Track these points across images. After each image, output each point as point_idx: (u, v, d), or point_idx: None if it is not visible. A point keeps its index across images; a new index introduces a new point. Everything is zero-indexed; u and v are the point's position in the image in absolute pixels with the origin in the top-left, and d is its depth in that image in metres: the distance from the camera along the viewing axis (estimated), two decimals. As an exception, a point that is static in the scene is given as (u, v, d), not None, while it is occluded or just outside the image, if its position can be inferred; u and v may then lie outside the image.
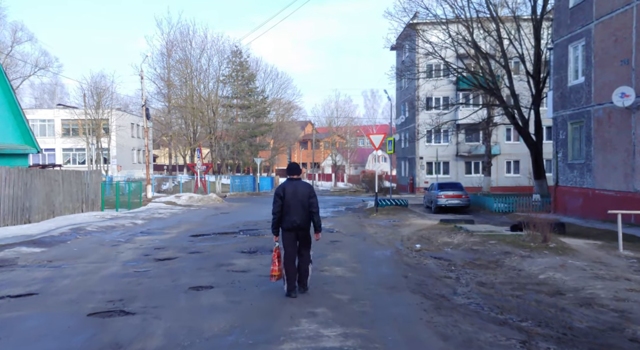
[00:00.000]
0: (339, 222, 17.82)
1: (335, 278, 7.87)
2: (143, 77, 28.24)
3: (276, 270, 6.53)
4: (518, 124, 25.77)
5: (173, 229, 15.78)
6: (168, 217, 19.28)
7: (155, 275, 8.11)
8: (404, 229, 15.11)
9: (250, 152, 51.07)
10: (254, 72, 48.13)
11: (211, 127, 41.18)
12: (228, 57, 44.40)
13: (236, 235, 14.15)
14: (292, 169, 6.76)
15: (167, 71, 46.94)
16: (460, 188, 23.17)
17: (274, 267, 6.53)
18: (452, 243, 11.50)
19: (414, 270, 8.70)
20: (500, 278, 7.88)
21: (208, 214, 21.37)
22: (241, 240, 12.90)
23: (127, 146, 57.82)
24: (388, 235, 14.08)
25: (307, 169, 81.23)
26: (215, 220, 18.86)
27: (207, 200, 26.95)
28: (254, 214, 21.41)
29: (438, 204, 22.15)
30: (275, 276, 6.55)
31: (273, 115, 57.17)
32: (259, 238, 13.52)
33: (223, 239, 13.27)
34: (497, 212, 21.65)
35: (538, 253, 9.30)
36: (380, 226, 16.34)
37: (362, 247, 11.79)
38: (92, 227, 14.74)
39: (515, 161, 41.92)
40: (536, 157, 25.62)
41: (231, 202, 29.48)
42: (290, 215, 6.46)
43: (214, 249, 11.30)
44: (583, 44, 16.99)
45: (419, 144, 41.54)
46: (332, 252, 10.82)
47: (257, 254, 10.69)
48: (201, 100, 41.98)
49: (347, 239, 13.23)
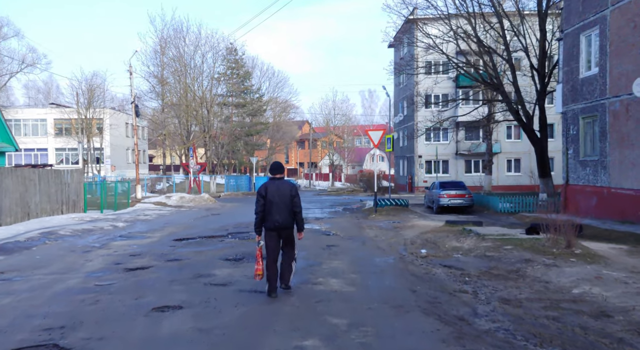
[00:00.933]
0: (336, 224, 16.62)
1: (330, 294, 6.66)
2: (132, 72, 26.95)
3: (260, 270, 6.53)
4: (522, 120, 24.60)
5: (156, 232, 14.54)
6: (154, 219, 18.03)
7: (118, 291, 6.89)
8: (407, 232, 13.91)
9: (246, 151, 49.78)
10: (249, 70, 46.86)
11: (205, 125, 39.90)
12: (223, 54, 43.19)
13: (223, 239, 12.93)
14: (275, 168, 6.68)
15: (161, 69, 45.65)
16: (463, 187, 22.00)
17: (258, 267, 6.53)
18: (462, 248, 10.31)
19: (422, 282, 7.50)
20: (525, 292, 6.68)
21: (198, 216, 20.14)
22: (228, 245, 11.68)
23: (121, 146, 56.54)
24: (389, 238, 12.88)
25: (304, 168, 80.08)
26: (204, 222, 17.64)
27: (198, 201, 25.72)
28: (247, 215, 20.17)
29: (440, 203, 20.99)
30: (259, 275, 6.53)
31: (270, 114, 55.92)
32: (248, 242, 12.30)
33: (208, 244, 12.05)
34: (502, 212, 20.49)
35: (564, 261, 8.11)
36: (380, 228, 15.14)
37: (361, 253, 10.59)
38: (66, 230, 13.49)
39: (516, 160, 40.84)
40: (541, 154, 24.46)
41: (224, 202, 28.26)
42: (272, 215, 6.39)
43: (195, 256, 10.08)
44: (597, 32, 15.83)
45: (418, 143, 40.39)
46: (328, 259, 9.61)
47: (243, 261, 9.48)
48: (195, 98, 40.70)
49: (344, 243, 12.03)
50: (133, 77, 26.94)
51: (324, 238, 13.11)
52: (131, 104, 27.34)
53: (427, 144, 40.46)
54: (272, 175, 6.64)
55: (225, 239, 13.12)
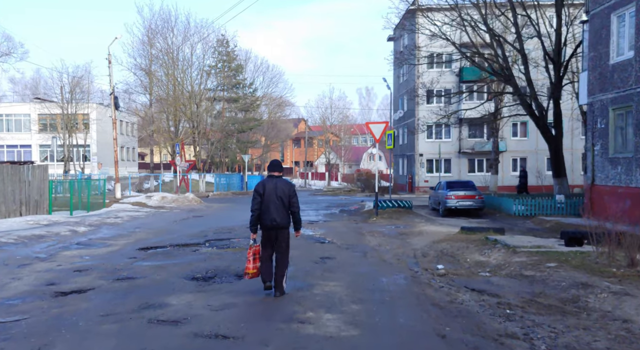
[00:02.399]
0: (332, 229, 14.56)
1: (324, 342, 4.60)
2: (111, 60, 24.82)
3: (251, 269, 6.31)
4: (535, 114, 22.59)
5: (122, 238, 12.44)
6: (124, 222, 15.92)
7: (17, 335, 4.80)
8: (415, 240, 11.86)
9: (239, 148, 47.60)
10: (242, 63, 44.62)
11: (194, 121, 37.71)
12: (213, 46, 41.03)
13: (198, 249, 10.86)
14: (274, 165, 6.53)
15: (149, 61, 43.40)
16: (473, 187, 20.01)
17: (249, 265, 6.31)
18: (489, 264, 8.27)
19: (449, 317, 5.45)
20: (601, 338, 4.66)
21: (177, 218, 18.04)
22: (201, 257, 9.60)
23: (109, 143, 54.15)
24: (396, 248, 10.83)
25: (299, 167, 78.03)
26: (183, 226, 15.55)
27: (182, 201, 23.61)
28: (233, 217, 18.12)
29: (447, 205, 18.97)
30: (250, 274, 6.34)
31: (264, 110, 53.74)
32: (227, 252, 10.23)
33: (177, 255, 9.97)
34: (516, 215, 18.48)
35: (636, 287, 6.07)
36: (383, 235, 13.09)
37: (363, 268, 8.53)
38: (10, 237, 11.37)
39: (522, 158, 38.85)
40: (556, 152, 22.46)
41: (212, 203, 26.15)
42: (269, 213, 6.24)
43: (154, 273, 8.00)
44: (632, 11, 13.83)
45: (419, 140, 38.40)
46: (322, 278, 7.55)
47: (214, 282, 7.42)
48: (183, 92, 38.51)
49: (342, 254, 9.98)
50: (112, 65, 24.82)
51: (318, 247, 11.05)
52: (110, 94, 25.18)
53: (428, 141, 38.44)
54: (271, 172, 6.46)
55: (201, 248, 11.04)
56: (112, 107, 25.23)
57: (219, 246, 11.33)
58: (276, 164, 6.54)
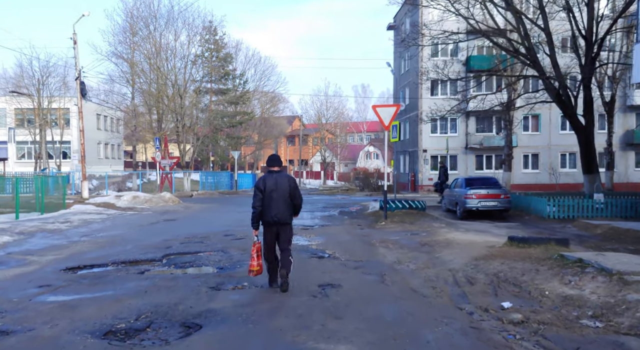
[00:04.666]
0: (332, 237, 11.48)
1: None
2: (76, 41, 21.58)
3: (255, 266, 6.23)
4: (562, 101, 19.61)
5: (51, 252, 9.29)
6: (70, 229, 12.73)
7: None
8: (446, 254, 8.79)
9: (229, 145, 44.33)
10: (231, 52, 41.39)
11: (178, 113, 34.49)
12: (199, 32, 37.80)
13: (149, 269, 7.79)
14: (273, 160, 6.41)
15: (132, 51, 40.11)
16: (497, 185, 17.03)
17: (253, 263, 6.23)
18: (586, 301, 5.23)
19: None
20: None
21: (144, 222, 14.90)
22: (142, 286, 6.50)
23: (91, 139, 51.06)
24: (423, 267, 7.77)
25: (294, 165, 74.87)
26: (145, 232, 12.42)
27: (156, 202, 20.45)
28: (212, 221, 15.03)
29: (467, 206, 15.95)
30: (254, 271, 6.23)
31: (256, 104, 50.54)
32: (186, 277, 7.16)
33: (112, 281, 6.87)
34: (551, 218, 15.48)
35: None
36: (400, 245, 10.01)
37: (387, 309, 5.46)
38: None
39: (534, 155, 35.95)
40: (586, 145, 19.50)
41: (193, 203, 22.99)
42: (271, 209, 6.19)
43: (50, 321, 4.90)
44: None
45: (422, 135, 35.43)
46: (324, 335, 4.46)
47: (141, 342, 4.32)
48: (166, 82, 35.30)
49: (351, 279, 6.93)
50: (78, 46, 21.55)
51: (315, 265, 7.98)
52: (75, 80, 21.95)
53: (432, 136, 35.45)
54: (270, 167, 6.37)
55: (153, 267, 7.95)
56: (77, 94, 21.99)
57: (178, 264, 8.23)
58: (275, 158, 6.45)
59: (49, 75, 37.49)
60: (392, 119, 13.77)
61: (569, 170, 35.09)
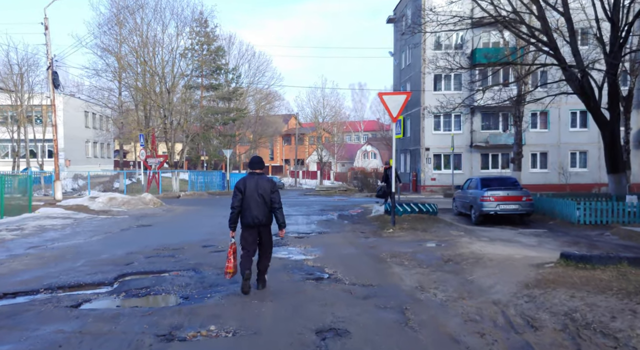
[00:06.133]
0: (332, 249, 9.48)
1: None
2: (47, 26, 19.52)
3: (231, 267, 6.10)
4: (586, 94, 17.66)
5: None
6: (17, 239, 10.67)
7: None
8: (480, 275, 6.80)
9: (221, 143, 42.25)
10: (222, 45, 39.29)
11: (165, 109, 32.40)
12: (190, 24, 35.71)
13: (89, 300, 5.82)
14: (255, 162, 6.34)
15: (119, 44, 37.98)
16: (517, 186, 15.10)
17: (229, 264, 6.10)
18: None
19: None
20: None
21: (112, 229, 12.85)
22: (61, 338, 4.50)
23: (79, 138, 48.95)
24: (456, 297, 5.79)
25: (289, 165, 72.82)
26: (107, 242, 10.39)
27: (135, 204, 18.40)
28: (193, 227, 13.03)
29: (484, 210, 14.02)
30: (230, 273, 6.12)
31: (251, 100, 48.49)
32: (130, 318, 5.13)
33: (27, 322, 4.88)
34: (581, 223, 13.54)
35: None
36: (418, 262, 8.01)
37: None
38: None
39: (542, 153, 34.02)
40: (612, 141, 17.55)
41: (177, 205, 20.95)
42: (251, 211, 6.08)
43: None
44: None
45: (425, 133, 33.51)
46: None
47: None
48: (154, 76, 33.22)
49: (360, 318, 4.94)
50: (49, 32, 19.46)
51: (312, 294, 5.99)
52: (47, 69, 19.85)
53: (435, 134, 33.50)
54: (252, 169, 6.30)
55: (96, 297, 5.96)
56: (49, 85, 19.91)
57: (131, 291, 6.23)
58: (257, 161, 6.36)
59: (29, 68, 35.25)
60: (402, 109, 11.79)
61: (579, 170, 33.23)
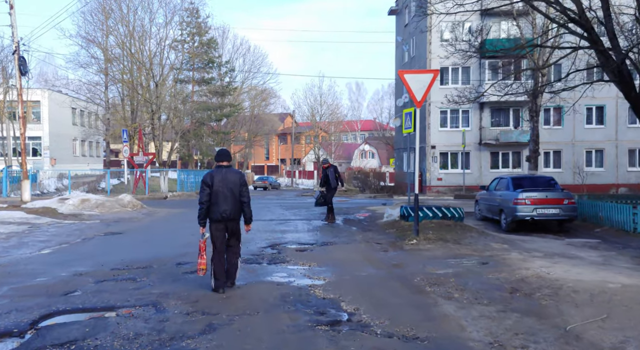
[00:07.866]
0: (345, 268, 7.20)
1: None
2: (13, 5, 17.20)
3: (204, 264, 6.02)
4: (625, 82, 15.44)
5: None
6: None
7: None
8: (580, 320, 4.57)
9: (214, 140, 39.93)
10: (215, 38, 37.01)
11: (152, 103, 30.06)
12: (179, 13, 33.44)
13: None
14: (222, 155, 6.23)
15: (105, 35, 35.58)
16: (555, 186, 12.85)
17: (201, 260, 6.02)
18: None
19: None
20: None
21: (71, 238, 10.50)
22: None
23: (65, 135, 46.50)
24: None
25: (286, 165, 70.50)
26: (55, 258, 8.09)
27: (110, 206, 16.07)
28: (170, 236, 10.73)
29: (518, 215, 11.79)
30: (203, 269, 6.05)
31: (246, 97, 46.19)
32: None
33: None
34: (638, 232, 11.31)
35: None
36: (472, 293, 5.75)
37: None
38: None
39: (556, 152, 31.80)
40: (653, 136, 15.38)
41: (161, 207, 18.61)
42: (219, 205, 5.98)
43: None
44: None
45: (430, 130, 31.36)
46: None
47: None
48: (141, 68, 30.90)
49: None
50: (15, 12, 17.11)
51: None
52: (13, 53, 17.49)
53: (442, 131, 31.35)
54: (218, 162, 6.15)
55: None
56: (16, 72, 17.55)
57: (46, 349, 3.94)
58: (224, 153, 6.28)
59: (5, 58, 32.68)
60: (427, 91, 9.56)
61: (595, 170, 31.03)
